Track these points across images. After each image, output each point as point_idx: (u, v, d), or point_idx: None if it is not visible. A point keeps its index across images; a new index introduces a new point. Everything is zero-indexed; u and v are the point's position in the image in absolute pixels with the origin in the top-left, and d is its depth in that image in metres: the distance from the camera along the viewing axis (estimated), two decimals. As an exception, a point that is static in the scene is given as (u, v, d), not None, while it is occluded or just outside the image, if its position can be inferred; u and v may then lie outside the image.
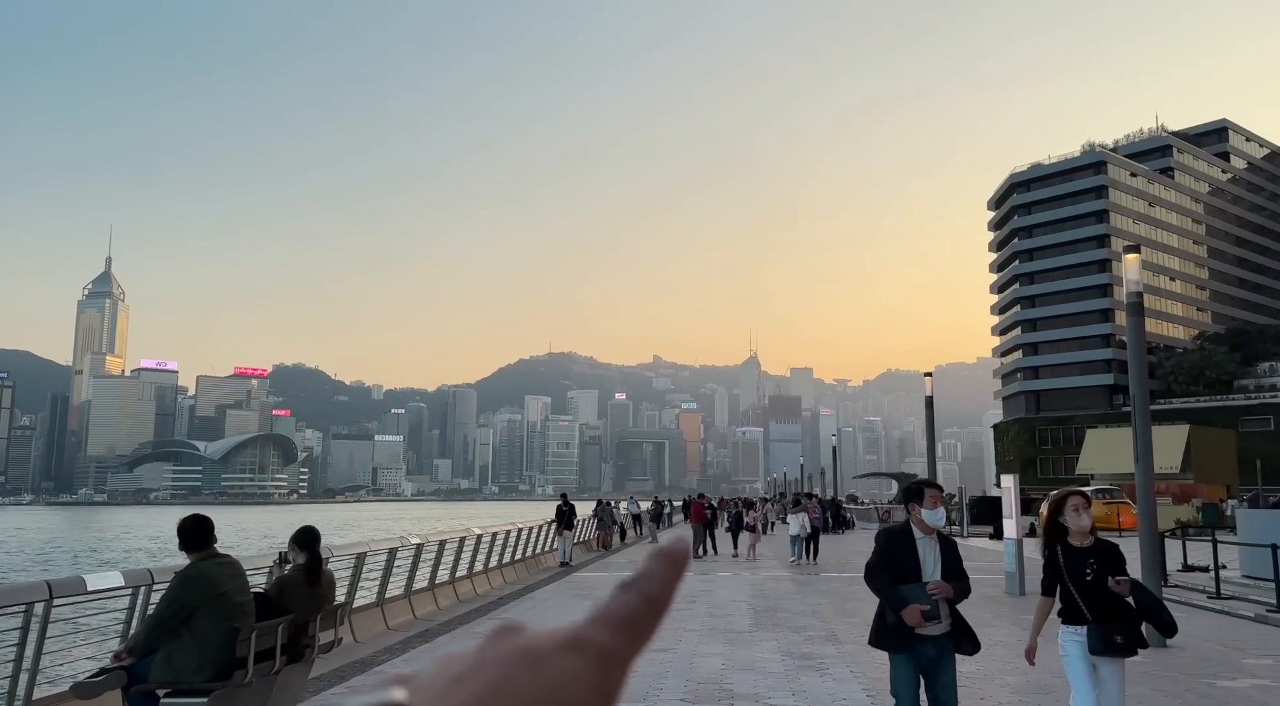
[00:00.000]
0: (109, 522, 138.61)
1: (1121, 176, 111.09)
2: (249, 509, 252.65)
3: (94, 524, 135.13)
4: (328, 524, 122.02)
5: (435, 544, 13.88)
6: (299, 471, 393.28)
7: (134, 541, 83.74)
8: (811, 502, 25.52)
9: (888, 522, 51.81)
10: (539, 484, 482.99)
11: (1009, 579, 16.05)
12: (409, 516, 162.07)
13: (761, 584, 17.96)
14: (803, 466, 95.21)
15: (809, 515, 23.52)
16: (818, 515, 24.41)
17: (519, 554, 19.84)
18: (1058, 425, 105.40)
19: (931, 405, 21.38)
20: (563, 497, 23.54)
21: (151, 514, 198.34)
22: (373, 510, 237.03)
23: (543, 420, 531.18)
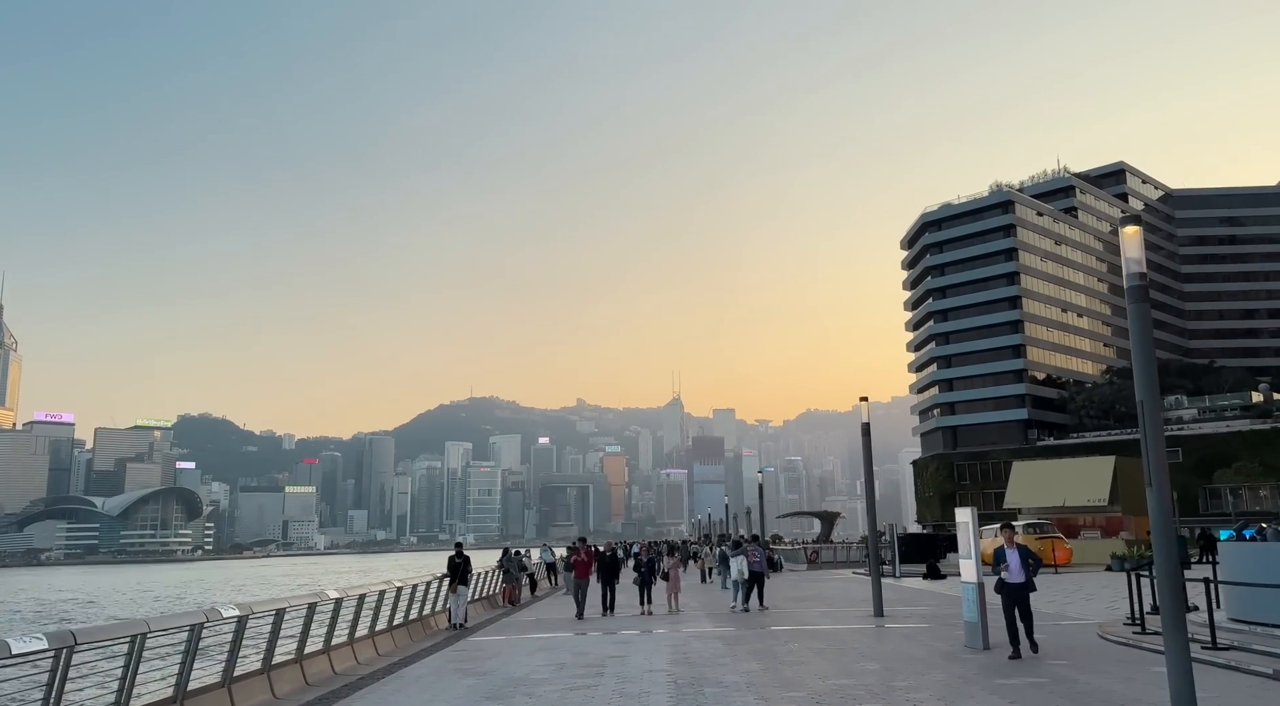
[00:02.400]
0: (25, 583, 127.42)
1: (1029, 215, 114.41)
2: (150, 567, 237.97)
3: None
4: (213, 583, 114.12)
5: (268, 612, 10.88)
6: (204, 526, 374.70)
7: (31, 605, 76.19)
8: (753, 545, 23.54)
9: (816, 563, 49.90)
10: (460, 532, 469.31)
11: (970, 630, 13.85)
12: (310, 572, 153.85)
13: (685, 644, 15.36)
14: (727, 507, 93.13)
15: (749, 558, 22.24)
16: (758, 559, 22.53)
17: (398, 617, 16.79)
18: (975, 460, 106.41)
19: (868, 431, 19.38)
20: (457, 547, 20.60)
21: (43, 575, 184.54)
22: (279, 565, 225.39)
23: (464, 466, 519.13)
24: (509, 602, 26.14)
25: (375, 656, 14.77)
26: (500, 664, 13.51)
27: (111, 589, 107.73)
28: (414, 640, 17.24)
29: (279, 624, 11.05)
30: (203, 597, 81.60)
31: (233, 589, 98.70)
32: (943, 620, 18.79)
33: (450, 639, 17.56)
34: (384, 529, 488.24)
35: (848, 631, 16.91)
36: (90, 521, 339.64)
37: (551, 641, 16.56)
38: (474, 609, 22.99)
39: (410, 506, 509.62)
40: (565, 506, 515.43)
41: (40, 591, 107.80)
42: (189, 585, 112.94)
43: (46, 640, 6.87)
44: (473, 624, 20.50)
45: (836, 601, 25.04)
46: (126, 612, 64.03)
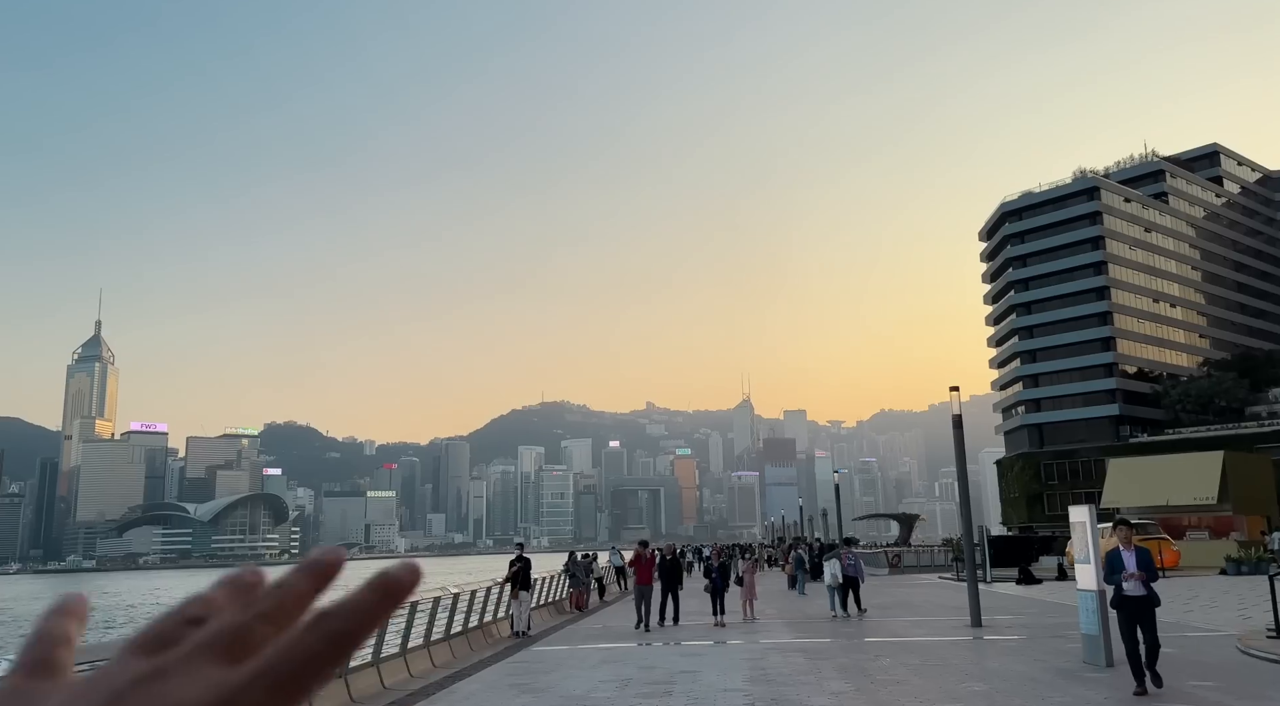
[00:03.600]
0: (98, 589, 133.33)
1: (1115, 202, 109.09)
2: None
3: (92, 589, 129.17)
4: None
5: None
6: (290, 530, 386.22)
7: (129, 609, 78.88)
8: (847, 548, 22.40)
9: (898, 567, 47.70)
10: (535, 535, 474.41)
11: (1089, 645, 12.17)
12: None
13: (762, 658, 14.01)
14: (801, 509, 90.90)
15: (842, 561, 21.30)
16: (852, 562, 21.47)
17: (456, 625, 15.84)
18: (1064, 458, 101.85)
19: (960, 423, 17.70)
20: (518, 549, 19.65)
21: (141, 579, 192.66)
22: (361, 569, 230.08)
23: (536, 470, 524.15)
24: (576, 608, 25.12)
25: (430, 668, 13.84)
26: (560, 678, 12.41)
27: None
28: (473, 650, 16.28)
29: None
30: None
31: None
32: (1048, 631, 17.02)
33: (511, 648, 16.56)
34: (461, 532, 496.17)
35: (944, 644, 15.32)
36: (184, 527, 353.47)
37: (617, 652, 15.40)
38: (539, 615, 22.03)
39: (486, 510, 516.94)
40: (637, 509, 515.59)
41: (138, 596, 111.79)
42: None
43: None
44: (536, 631, 19.47)
45: (926, 609, 23.30)
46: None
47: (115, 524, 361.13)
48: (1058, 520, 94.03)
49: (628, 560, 21.66)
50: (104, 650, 7.18)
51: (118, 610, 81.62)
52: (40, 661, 0.50)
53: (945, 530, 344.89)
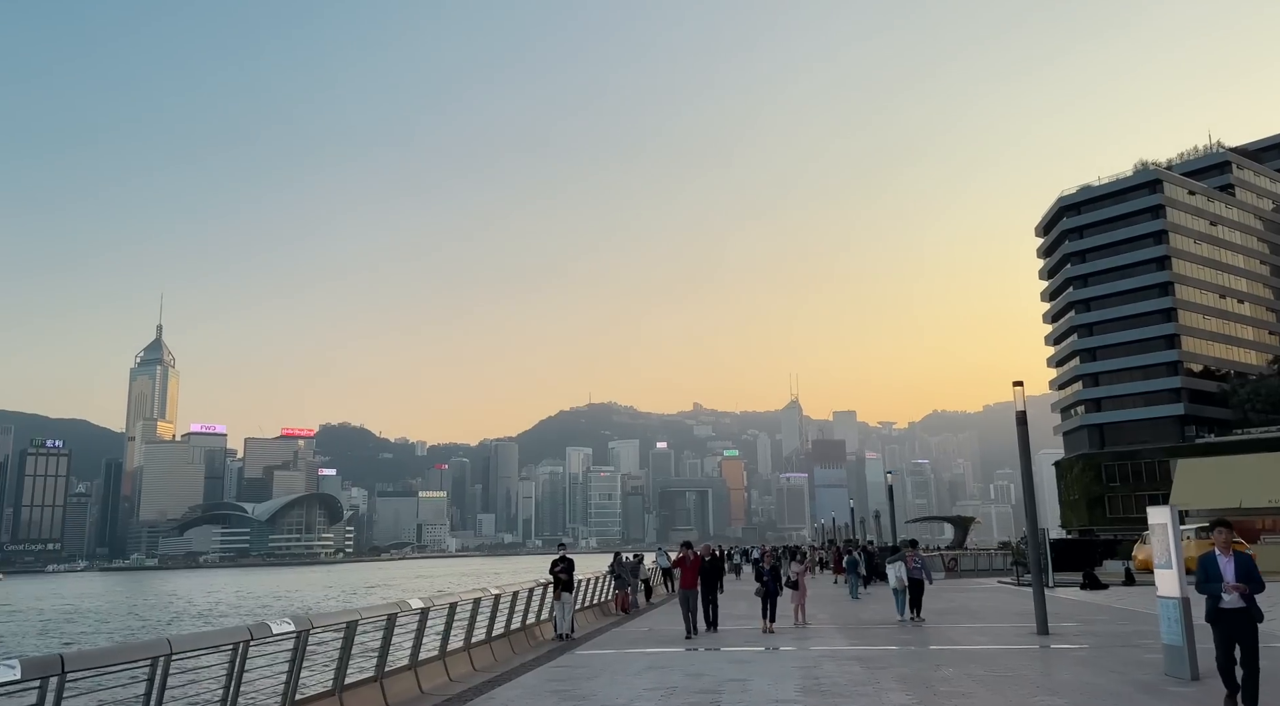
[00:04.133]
0: (162, 588, 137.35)
1: (1179, 195, 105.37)
2: (296, 569, 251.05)
3: (153, 588, 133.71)
4: (343, 585, 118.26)
5: (336, 625, 9.63)
6: (345, 530, 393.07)
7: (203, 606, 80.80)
8: (912, 551, 21.67)
9: (954, 571, 46.31)
10: (583, 536, 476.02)
11: (1171, 656, 11.27)
12: (442, 574, 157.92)
13: (816, 666, 13.31)
14: (853, 510, 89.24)
15: (908, 564, 20.82)
16: (918, 565, 20.87)
17: (497, 627, 15.42)
18: (1125, 460, 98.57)
19: (1025, 419, 16.78)
20: (560, 548, 19.20)
21: (201, 577, 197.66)
22: (412, 568, 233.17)
23: (584, 471, 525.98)
24: (622, 610, 24.61)
25: (470, 671, 13.42)
26: (602, 685, 11.88)
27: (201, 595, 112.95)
28: (515, 652, 15.85)
29: (351, 638, 9.78)
30: (292, 604, 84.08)
31: (333, 593, 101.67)
32: (1121, 640, 16.02)
33: (553, 652, 16.07)
34: (511, 532, 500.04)
35: (1010, 653, 14.46)
36: (242, 526, 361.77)
37: (663, 658, 14.82)
38: (584, 617, 21.57)
39: (534, 510, 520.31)
40: (685, 510, 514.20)
41: (197, 595, 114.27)
42: (334, 588, 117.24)
43: (20, 668, 5.87)
44: (581, 634, 18.99)
45: (987, 615, 22.30)
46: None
47: (176, 523, 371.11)
48: (1119, 523, 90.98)
49: (673, 562, 20.19)
50: (161, 646, 6.99)
51: (181, 606, 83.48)
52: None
53: (1000, 533, 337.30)
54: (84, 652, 6.39)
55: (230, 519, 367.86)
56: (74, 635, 57.92)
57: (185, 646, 7.21)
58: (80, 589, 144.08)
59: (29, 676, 5.80)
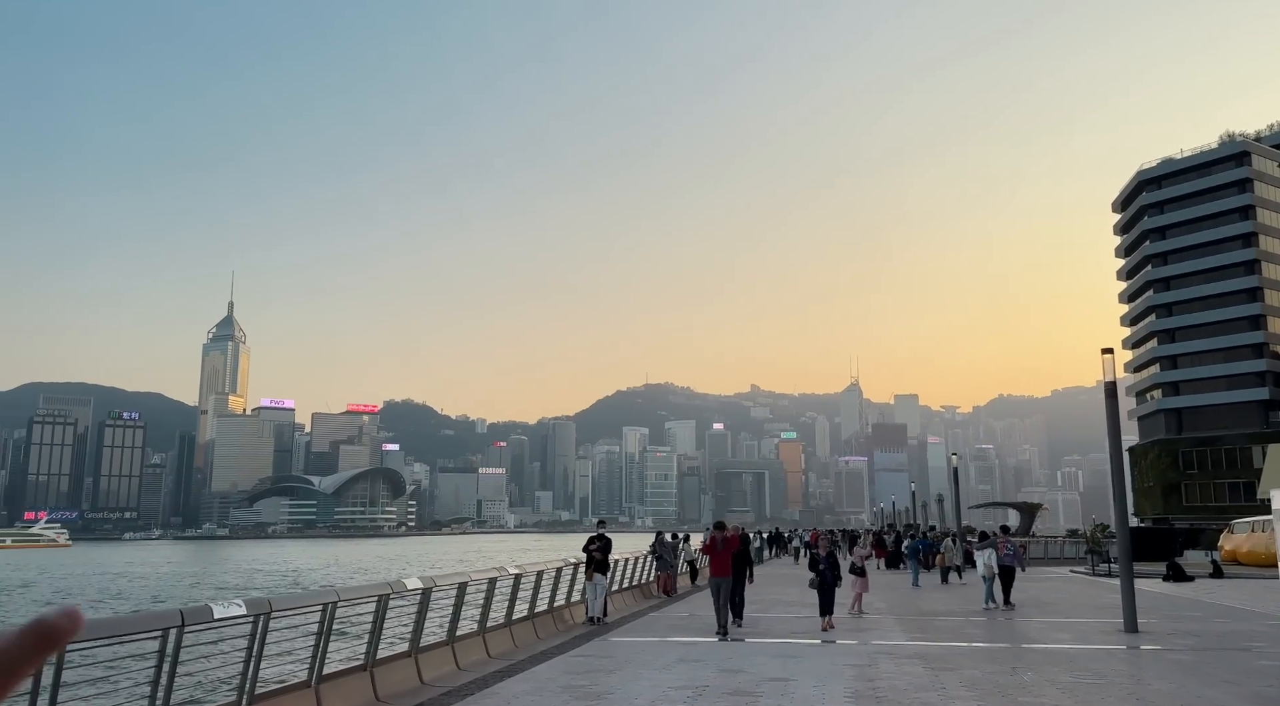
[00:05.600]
0: (239, 555, 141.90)
1: (1268, 168, 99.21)
2: (360, 542, 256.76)
3: (220, 557, 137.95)
4: (401, 558, 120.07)
5: (312, 606, 8.54)
6: (407, 504, 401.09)
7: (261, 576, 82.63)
8: (1004, 537, 20.44)
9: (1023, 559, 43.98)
10: (639, 515, 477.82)
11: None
12: (500, 549, 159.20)
13: (872, 665, 11.71)
14: (914, 494, 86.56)
15: (999, 551, 19.76)
16: (1009, 552, 19.75)
17: (520, 608, 14.13)
18: (1205, 445, 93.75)
19: (1114, 391, 14.82)
20: (598, 525, 17.87)
21: (269, 547, 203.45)
22: (472, 543, 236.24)
23: (640, 451, 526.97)
24: (663, 593, 23.24)
25: (483, 659, 12.16)
26: (624, 680, 10.49)
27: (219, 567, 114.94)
28: (540, 637, 14.57)
29: (328, 622, 8.58)
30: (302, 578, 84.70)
31: (359, 568, 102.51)
32: (1224, 640, 14.05)
33: (580, 638, 14.75)
34: (568, 510, 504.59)
35: (1097, 654, 12.66)
36: (309, 499, 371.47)
37: (698, 649, 13.38)
38: (622, 599, 20.26)
39: (591, 489, 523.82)
40: (741, 492, 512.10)
41: (262, 563, 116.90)
42: (398, 560, 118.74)
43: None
44: (615, 618, 17.63)
45: (1064, 608, 20.34)
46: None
47: (246, 494, 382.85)
48: (1196, 511, 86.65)
49: (704, 545, 17.19)
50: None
51: (251, 575, 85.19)
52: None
53: (1067, 521, 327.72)
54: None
55: (298, 491, 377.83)
56: (212, 591, 59.48)
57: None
58: (154, 556, 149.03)
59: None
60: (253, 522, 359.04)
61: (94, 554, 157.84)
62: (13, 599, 60.10)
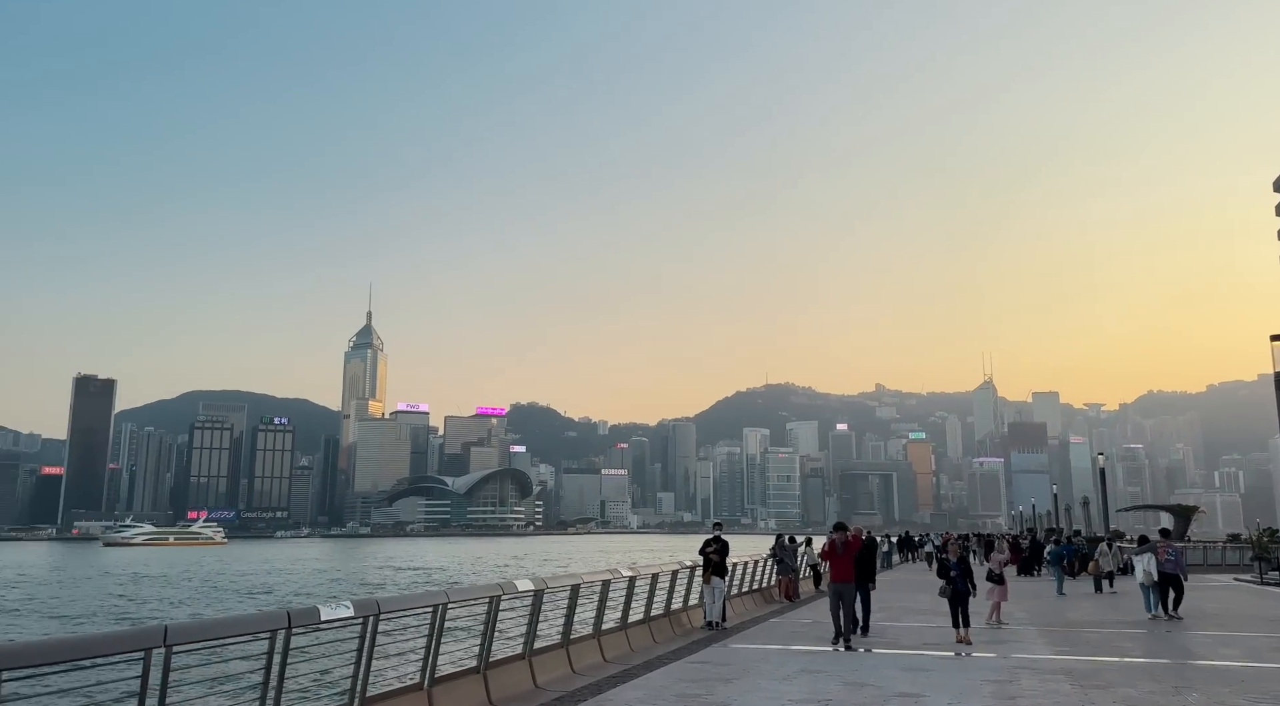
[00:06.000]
0: (373, 553, 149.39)
1: None
2: (491, 540, 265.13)
3: (362, 554, 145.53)
4: (531, 556, 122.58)
5: (421, 608, 8.57)
6: (534, 504, 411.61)
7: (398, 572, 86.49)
8: (1164, 541, 19.48)
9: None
10: (761, 517, 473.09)
11: None
12: (624, 549, 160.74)
13: (1012, 681, 10.82)
14: (1056, 497, 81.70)
15: (1158, 556, 18.76)
16: (1171, 558, 18.59)
17: (635, 612, 13.87)
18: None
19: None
20: (714, 527, 17.44)
21: (407, 545, 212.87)
22: (596, 542, 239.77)
23: (762, 452, 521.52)
24: (786, 598, 22.56)
25: (599, 662, 11.96)
26: (741, 690, 10.04)
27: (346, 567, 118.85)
28: (657, 641, 14.28)
29: (438, 623, 8.53)
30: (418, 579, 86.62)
31: (483, 568, 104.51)
32: None
33: (697, 643, 14.35)
34: (689, 511, 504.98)
35: (1273, 674, 11.29)
36: (443, 498, 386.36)
37: (820, 659, 12.76)
38: (742, 604, 19.75)
39: (712, 490, 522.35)
40: (868, 494, 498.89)
41: (405, 561, 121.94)
42: (527, 558, 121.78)
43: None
44: (734, 623, 17.14)
45: (1231, 620, 18.47)
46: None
47: (386, 494, 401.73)
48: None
49: (822, 550, 15.76)
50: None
51: (391, 572, 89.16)
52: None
53: (1227, 525, 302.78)
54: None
55: (433, 491, 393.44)
56: (355, 587, 62.72)
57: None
58: (304, 553, 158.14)
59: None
60: (392, 521, 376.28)
61: (247, 551, 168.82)
62: (178, 589, 64.83)
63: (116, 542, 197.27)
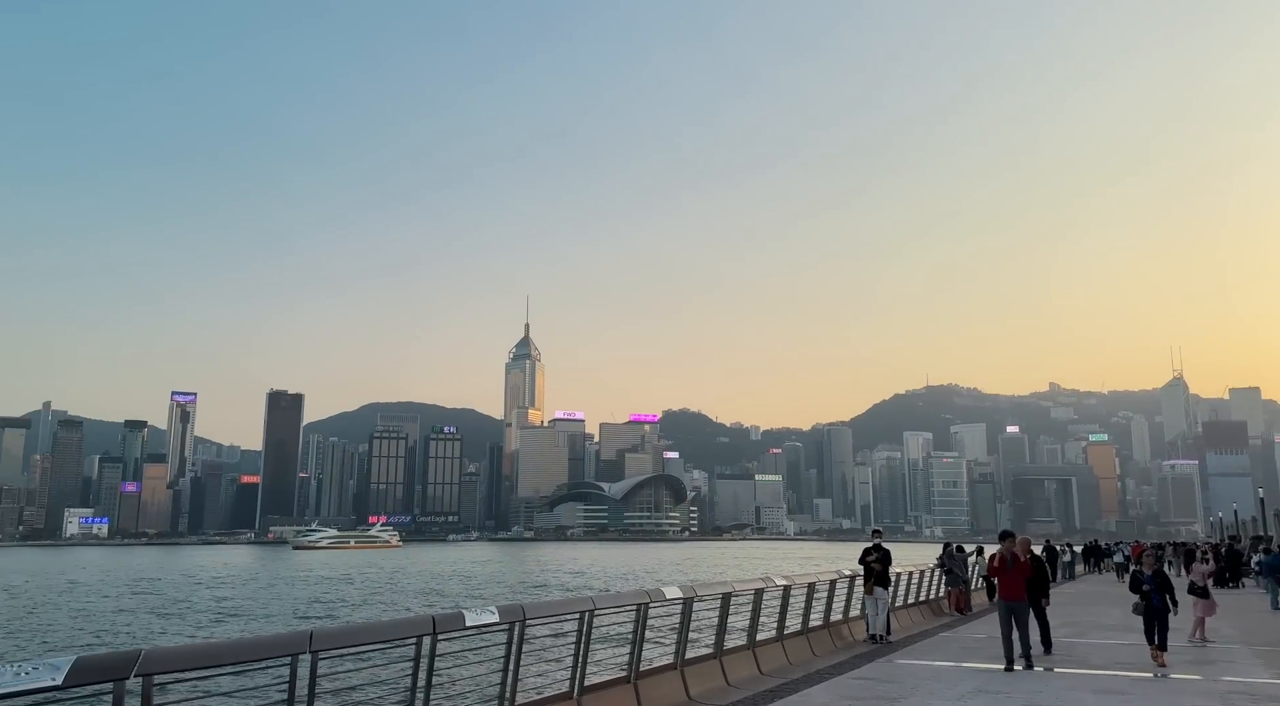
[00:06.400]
0: (537, 556, 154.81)
1: None
2: (648, 545, 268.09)
3: (527, 557, 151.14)
4: (690, 561, 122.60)
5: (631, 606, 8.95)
6: (689, 510, 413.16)
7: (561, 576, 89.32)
8: None
9: None
10: (926, 525, 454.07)
11: None
12: (778, 556, 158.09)
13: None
14: (1262, 502, 73.57)
15: None
16: None
17: (791, 623, 13.27)
18: None
19: None
20: (874, 535, 16.54)
21: (569, 549, 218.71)
22: (752, 549, 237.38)
23: (924, 457, 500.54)
24: (956, 610, 21.16)
25: (754, 675, 11.45)
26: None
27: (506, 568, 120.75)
28: (816, 653, 13.61)
29: (586, 630, 8.34)
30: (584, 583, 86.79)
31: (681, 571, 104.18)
32: None
33: (860, 657, 13.55)
34: (848, 518, 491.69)
35: None
36: (600, 504, 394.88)
37: (998, 679, 11.73)
38: (908, 616, 18.65)
39: (872, 496, 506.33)
40: (1043, 501, 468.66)
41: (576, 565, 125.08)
42: (682, 563, 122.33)
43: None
44: (900, 637, 16.15)
45: None
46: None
47: (547, 499, 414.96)
48: None
49: (990, 565, 13.65)
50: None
51: (553, 574, 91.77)
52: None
53: None
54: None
55: (590, 496, 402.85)
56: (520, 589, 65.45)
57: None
58: (473, 555, 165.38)
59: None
60: (553, 525, 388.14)
61: (421, 553, 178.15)
62: (358, 588, 69.02)
63: (304, 546, 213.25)
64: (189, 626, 41.72)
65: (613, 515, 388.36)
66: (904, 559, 18.33)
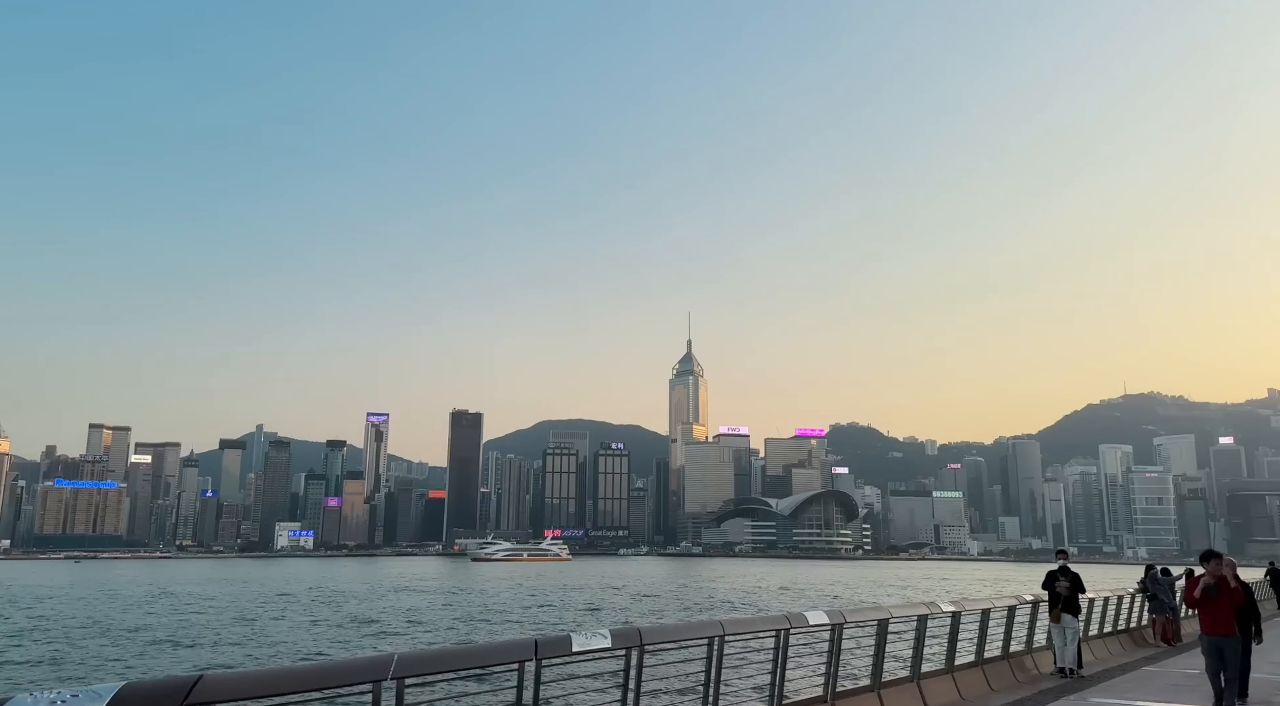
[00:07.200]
0: (703, 572, 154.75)
1: None
2: (818, 563, 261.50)
3: (694, 573, 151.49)
4: (862, 581, 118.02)
5: (770, 631, 8.00)
6: (861, 527, 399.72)
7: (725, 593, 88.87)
8: None
9: None
10: (1128, 545, 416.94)
11: None
12: (957, 578, 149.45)
13: None
14: None
15: None
16: None
17: (963, 654, 11.94)
18: None
19: None
20: (1058, 556, 14.78)
21: (737, 565, 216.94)
22: (928, 569, 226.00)
23: (1124, 472, 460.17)
24: (1163, 640, 18.70)
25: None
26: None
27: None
28: (994, 688, 12.19)
29: (717, 657, 7.66)
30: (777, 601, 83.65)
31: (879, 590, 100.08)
32: None
33: (1047, 693, 12.02)
34: (1038, 537, 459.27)
35: None
36: (768, 520, 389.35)
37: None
38: (1104, 647, 16.61)
39: (1065, 514, 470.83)
40: (1265, 519, 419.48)
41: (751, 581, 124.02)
42: (869, 585, 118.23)
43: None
44: (1093, 670, 14.31)
45: None
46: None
47: (714, 515, 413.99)
48: None
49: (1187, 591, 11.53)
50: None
51: (731, 593, 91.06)
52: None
53: None
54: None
55: (757, 513, 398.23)
56: None
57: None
58: (641, 571, 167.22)
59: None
60: (721, 541, 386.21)
61: (591, 567, 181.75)
62: (533, 599, 70.95)
63: (481, 558, 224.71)
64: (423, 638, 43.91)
65: (781, 531, 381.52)
66: (1097, 582, 16.33)
